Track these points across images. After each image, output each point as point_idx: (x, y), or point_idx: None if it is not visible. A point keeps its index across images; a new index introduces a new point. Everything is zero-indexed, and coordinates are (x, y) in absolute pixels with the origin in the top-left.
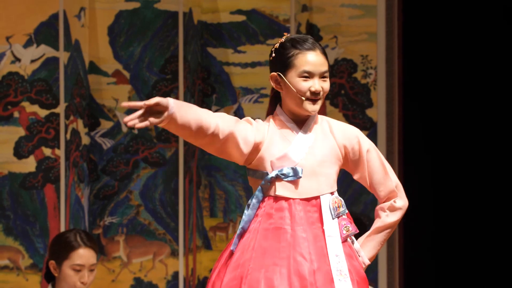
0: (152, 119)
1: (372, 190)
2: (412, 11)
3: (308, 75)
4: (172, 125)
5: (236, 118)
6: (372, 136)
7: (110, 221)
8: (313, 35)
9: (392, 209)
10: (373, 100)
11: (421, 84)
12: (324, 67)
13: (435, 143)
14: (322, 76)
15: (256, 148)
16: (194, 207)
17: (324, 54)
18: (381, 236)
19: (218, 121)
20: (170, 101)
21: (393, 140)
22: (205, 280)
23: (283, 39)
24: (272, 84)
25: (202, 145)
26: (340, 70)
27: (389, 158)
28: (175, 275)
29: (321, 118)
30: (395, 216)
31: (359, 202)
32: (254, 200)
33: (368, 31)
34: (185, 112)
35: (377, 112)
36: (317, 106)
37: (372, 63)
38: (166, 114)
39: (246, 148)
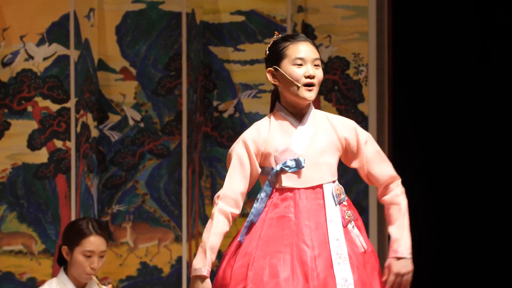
0: None
1: (370, 177)
2: (401, 12)
3: (301, 62)
4: None
5: (232, 175)
6: (364, 129)
7: (117, 209)
8: (308, 34)
9: (400, 193)
10: (365, 95)
11: (410, 80)
12: (315, 55)
13: (424, 135)
14: (314, 63)
15: (259, 154)
16: (197, 195)
17: (315, 46)
18: (407, 220)
19: (228, 212)
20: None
21: (383, 133)
22: None
23: (275, 38)
24: (269, 80)
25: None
26: (333, 67)
27: None
28: (179, 259)
29: (319, 112)
30: (405, 199)
31: (351, 191)
32: (262, 194)
33: (359, 30)
34: (214, 253)
35: (368, 107)
36: (313, 94)
37: (363, 61)
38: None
39: (256, 172)
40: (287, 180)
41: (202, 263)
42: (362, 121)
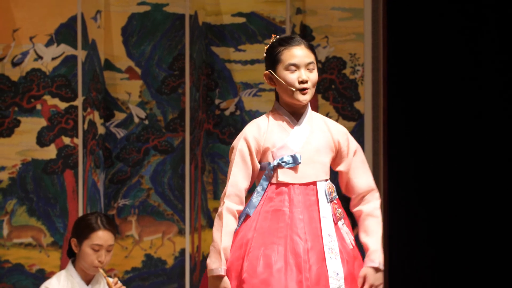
0: None
1: (348, 185)
2: (396, 13)
3: (294, 68)
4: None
5: (235, 171)
6: (359, 127)
7: (123, 203)
8: (306, 35)
9: (378, 206)
10: (361, 94)
11: (404, 80)
12: (309, 59)
13: (417, 133)
14: (307, 67)
15: (259, 151)
16: (199, 190)
17: (310, 48)
18: (381, 234)
19: (234, 209)
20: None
21: (378, 130)
22: None
23: (272, 40)
24: (266, 82)
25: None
26: (330, 67)
27: (374, 147)
28: (182, 251)
29: (316, 114)
30: (381, 214)
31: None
32: (259, 188)
33: (356, 31)
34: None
35: (364, 105)
36: (307, 96)
37: (359, 61)
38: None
39: (257, 168)
40: (283, 175)
41: (218, 263)
42: (358, 119)
